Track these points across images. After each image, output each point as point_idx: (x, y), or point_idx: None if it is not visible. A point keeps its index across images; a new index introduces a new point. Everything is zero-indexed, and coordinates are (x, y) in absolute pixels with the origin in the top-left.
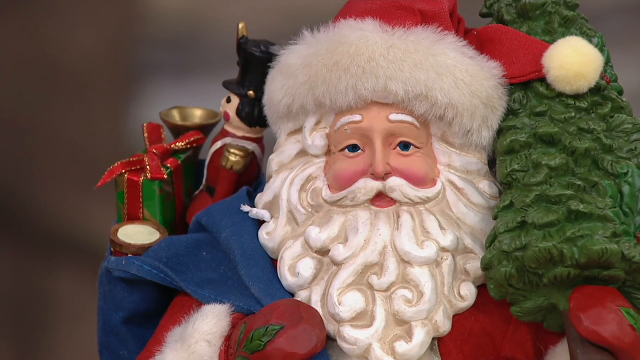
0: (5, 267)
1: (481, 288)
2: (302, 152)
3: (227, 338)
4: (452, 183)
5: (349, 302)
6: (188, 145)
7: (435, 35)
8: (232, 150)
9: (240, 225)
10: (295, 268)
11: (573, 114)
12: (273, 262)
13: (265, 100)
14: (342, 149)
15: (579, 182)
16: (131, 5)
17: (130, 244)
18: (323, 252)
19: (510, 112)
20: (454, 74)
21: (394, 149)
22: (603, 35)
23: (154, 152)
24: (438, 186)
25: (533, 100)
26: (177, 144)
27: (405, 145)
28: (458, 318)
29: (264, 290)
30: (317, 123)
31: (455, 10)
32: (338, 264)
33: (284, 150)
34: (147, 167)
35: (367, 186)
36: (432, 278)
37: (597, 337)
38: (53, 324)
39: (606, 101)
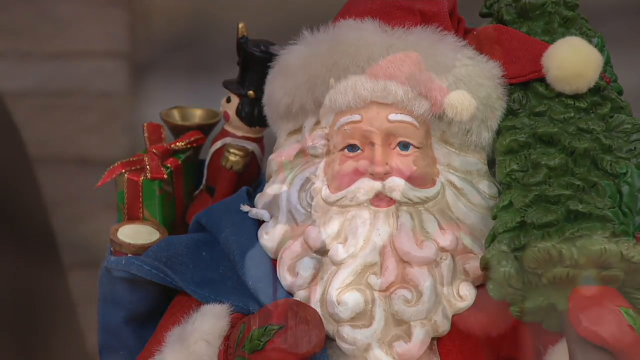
0: (5, 267)
1: (480, 288)
2: (302, 152)
3: (227, 338)
4: (451, 183)
5: (348, 302)
6: (188, 145)
7: (435, 36)
8: (232, 150)
9: (240, 225)
10: (295, 268)
11: (572, 114)
12: (273, 262)
13: (265, 100)
14: (341, 149)
15: (578, 182)
16: (131, 6)
17: (130, 244)
18: (322, 252)
19: (509, 112)
20: (454, 74)
21: (394, 149)
22: (603, 35)
23: (154, 152)
24: (437, 186)
25: (532, 100)
26: (177, 144)
27: (404, 145)
28: (457, 318)
29: (263, 290)
30: (317, 123)
31: (455, 10)
32: (337, 264)
33: (284, 150)
34: (147, 167)
35: (367, 186)
36: (432, 278)
37: (597, 338)
38: (53, 323)
39: (606, 101)
